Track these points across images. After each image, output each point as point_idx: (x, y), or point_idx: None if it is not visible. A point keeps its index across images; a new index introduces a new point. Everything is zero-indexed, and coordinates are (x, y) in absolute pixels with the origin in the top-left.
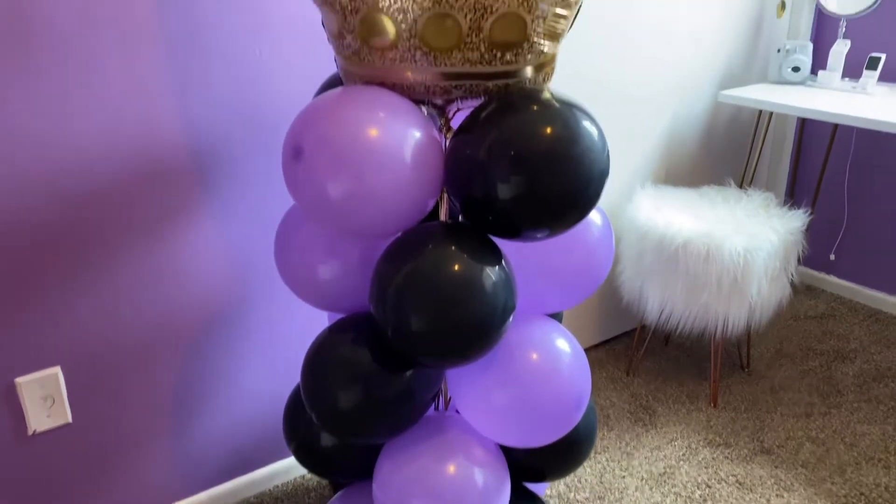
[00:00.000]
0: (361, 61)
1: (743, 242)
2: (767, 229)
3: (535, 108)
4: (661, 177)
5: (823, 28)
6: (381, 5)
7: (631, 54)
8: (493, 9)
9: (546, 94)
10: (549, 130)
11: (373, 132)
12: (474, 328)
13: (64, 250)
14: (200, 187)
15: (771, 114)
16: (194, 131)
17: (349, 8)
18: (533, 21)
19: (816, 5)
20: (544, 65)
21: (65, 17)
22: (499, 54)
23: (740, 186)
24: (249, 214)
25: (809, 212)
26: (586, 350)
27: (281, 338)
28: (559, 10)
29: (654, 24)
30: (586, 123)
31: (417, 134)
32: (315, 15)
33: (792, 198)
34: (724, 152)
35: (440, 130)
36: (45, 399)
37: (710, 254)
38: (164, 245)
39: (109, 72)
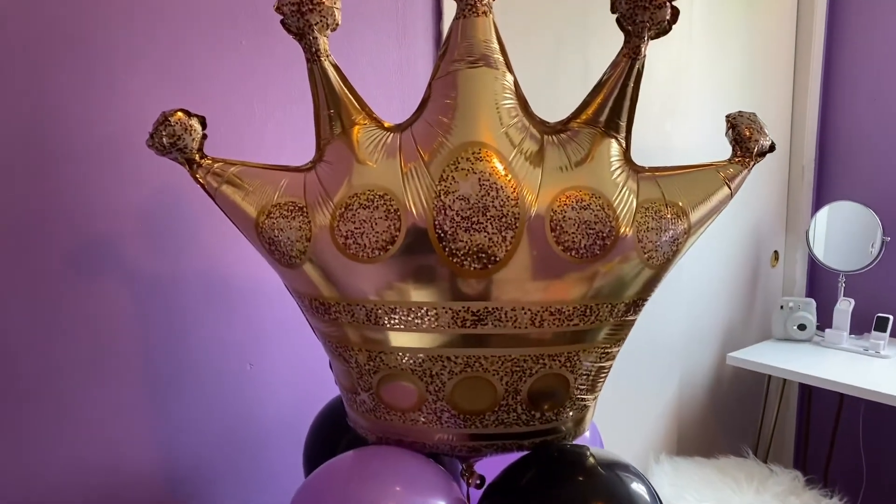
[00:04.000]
0: (378, 419)
1: None
2: None
3: (582, 478)
4: (672, 446)
5: (821, 281)
6: (403, 368)
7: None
8: (533, 371)
9: (591, 459)
10: None
11: None
12: None
13: None
14: None
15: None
16: (173, 460)
17: (367, 367)
18: (576, 379)
19: (809, 256)
20: (584, 417)
21: (50, 370)
22: (538, 414)
23: (755, 454)
24: None
25: (841, 496)
26: None
27: None
28: (603, 364)
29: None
30: (639, 489)
31: None
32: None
33: (805, 462)
34: (736, 415)
35: (462, 477)
36: None
37: None
38: None
39: (87, 410)
